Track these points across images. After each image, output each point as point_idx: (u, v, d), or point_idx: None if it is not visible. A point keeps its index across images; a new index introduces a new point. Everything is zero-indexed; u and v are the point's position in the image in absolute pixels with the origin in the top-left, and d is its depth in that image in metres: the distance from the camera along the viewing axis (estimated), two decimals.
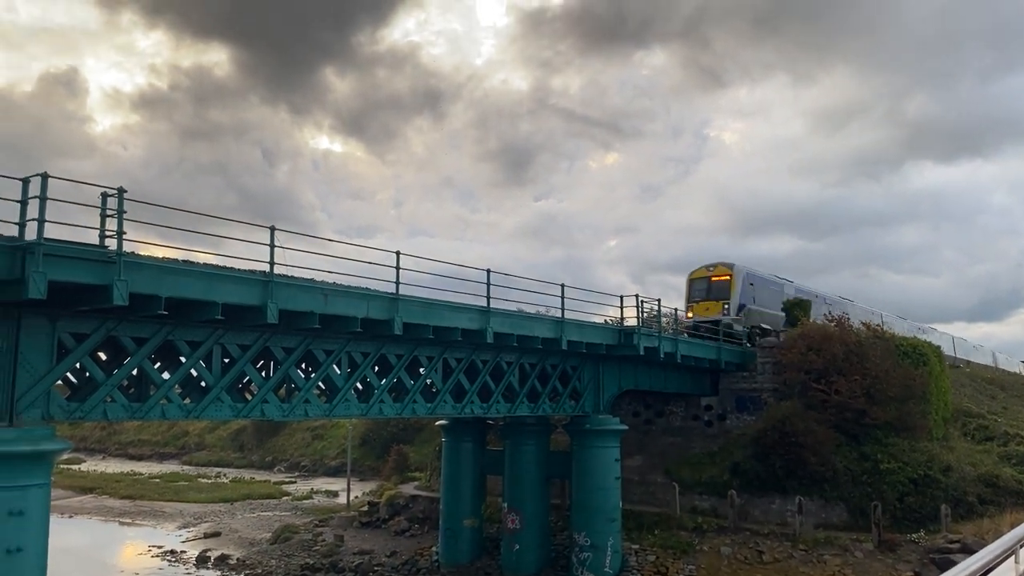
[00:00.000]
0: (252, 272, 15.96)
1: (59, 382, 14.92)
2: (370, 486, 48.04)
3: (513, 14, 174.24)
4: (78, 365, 15.09)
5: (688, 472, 31.85)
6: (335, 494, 51.13)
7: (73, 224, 13.39)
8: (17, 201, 12.57)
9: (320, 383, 19.78)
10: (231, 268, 15.74)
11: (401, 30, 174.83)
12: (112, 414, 15.36)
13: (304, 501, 50.21)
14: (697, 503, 30.70)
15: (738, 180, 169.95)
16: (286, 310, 16.27)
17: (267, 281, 15.91)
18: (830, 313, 38.42)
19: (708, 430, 34.26)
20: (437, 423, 32.30)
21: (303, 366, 19.59)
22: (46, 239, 12.44)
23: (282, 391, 19.75)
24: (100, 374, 15.20)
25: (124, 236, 13.37)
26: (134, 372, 16.24)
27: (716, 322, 33.90)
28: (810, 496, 28.65)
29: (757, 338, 35.57)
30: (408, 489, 39.47)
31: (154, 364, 16.46)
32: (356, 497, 45.21)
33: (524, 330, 22.92)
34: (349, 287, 18.20)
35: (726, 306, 35.29)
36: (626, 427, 28.91)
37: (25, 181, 12.61)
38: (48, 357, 13.99)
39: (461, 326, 20.85)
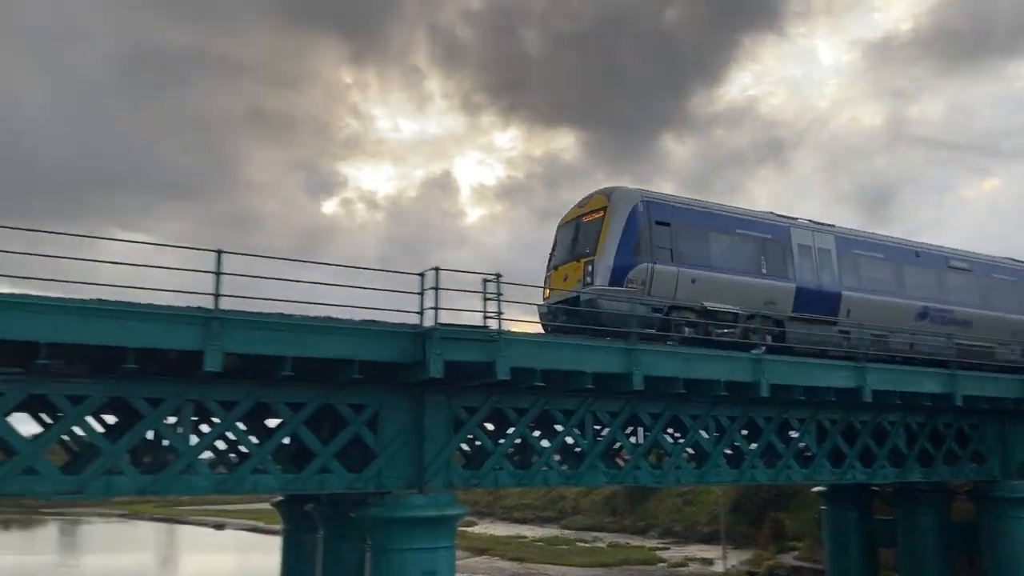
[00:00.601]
0: (615, 341, 16.56)
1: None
2: (744, 554, 46.23)
3: (857, 49, 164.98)
4: (470, 436, 16.59)
5: None
6: (710, 562, 49.86)
7: (452, 308, 14.80)
8: (417, 293, 14.48)
9: (689, 448, 19.67)
10: (595, 339, 16.46)
11: (738, 86, 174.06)
12: (502, 480, 16.68)
13: (680, 568, 49.65)
14: None
15: None
16: (650, 376, 16.55)
17: (630, 349, 16.38)
18: None
19: None
20: (813, 489, 30.29)
21: (670, 431, 19.66)
22: (440, 324, 14.08)
23: (652, 456, 19.96)
24: (489, 443, 16.62)
25: (502, 316, 14.68)
26: (517, 441, 17.51)
27: (575, 301, 19.11)
28: None
29: (685, 329, 19.65)
30: (788, 559, 37.44)
31: (532, 432, 17.63)
32: (732, 566, 43.73)
33: (908, 386, 20.86)
34: (709, 351, 18.11)
35: (590, 267, 19.50)
36: None
37: (422, 275, 14.52)
38: (447, 430, 15.62)
39: (833, 385, 19.53)
